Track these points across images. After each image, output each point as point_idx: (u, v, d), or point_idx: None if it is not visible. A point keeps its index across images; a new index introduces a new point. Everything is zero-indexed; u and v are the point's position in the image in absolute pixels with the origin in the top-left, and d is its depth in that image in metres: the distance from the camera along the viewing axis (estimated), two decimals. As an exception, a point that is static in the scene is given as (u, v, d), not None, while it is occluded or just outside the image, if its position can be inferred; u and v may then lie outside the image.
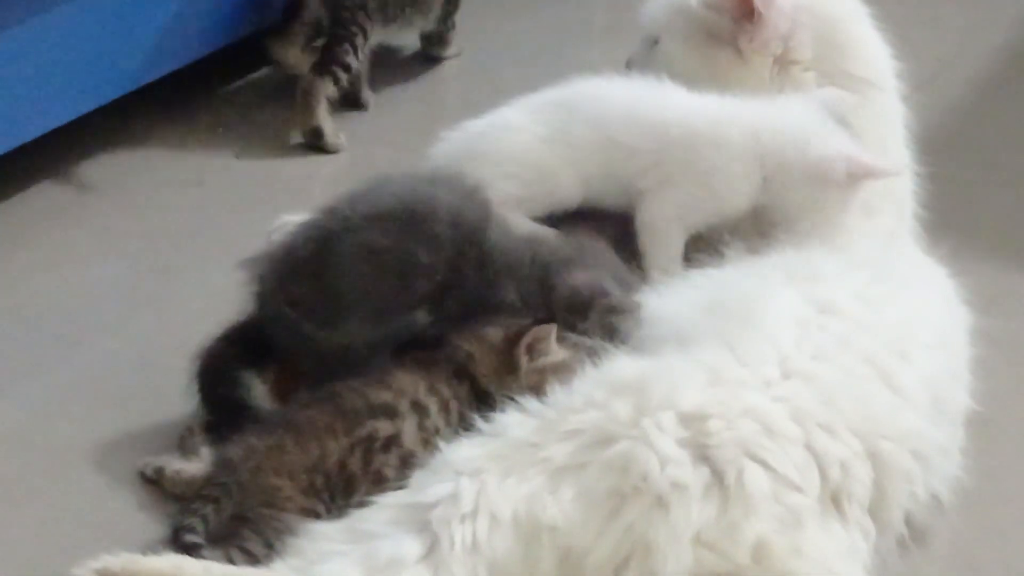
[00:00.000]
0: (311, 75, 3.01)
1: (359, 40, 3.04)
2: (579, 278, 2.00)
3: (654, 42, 2.33)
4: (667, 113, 2.14)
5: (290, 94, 2.92)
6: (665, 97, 2.16)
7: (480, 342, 1.94)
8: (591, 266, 2.03)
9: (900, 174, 2.10)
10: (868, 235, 2.13)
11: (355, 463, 1.87)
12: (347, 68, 3.03)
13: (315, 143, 2.95)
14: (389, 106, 3.16)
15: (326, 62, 3.02)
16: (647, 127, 2.12)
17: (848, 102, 2.13)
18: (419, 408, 1.91)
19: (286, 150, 2.82)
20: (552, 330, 1.92)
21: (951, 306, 2.11)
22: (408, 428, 1.89)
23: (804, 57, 2.23)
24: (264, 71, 3.16)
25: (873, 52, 2.25)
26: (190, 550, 1.78)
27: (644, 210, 2.17)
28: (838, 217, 2.11)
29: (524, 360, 1.91)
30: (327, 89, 2.99)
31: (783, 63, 2.23)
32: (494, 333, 1.94)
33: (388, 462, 1.88)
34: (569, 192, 2.18)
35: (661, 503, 1.76)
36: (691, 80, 2.22)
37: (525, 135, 2.14)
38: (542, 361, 1.92)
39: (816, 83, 2.21)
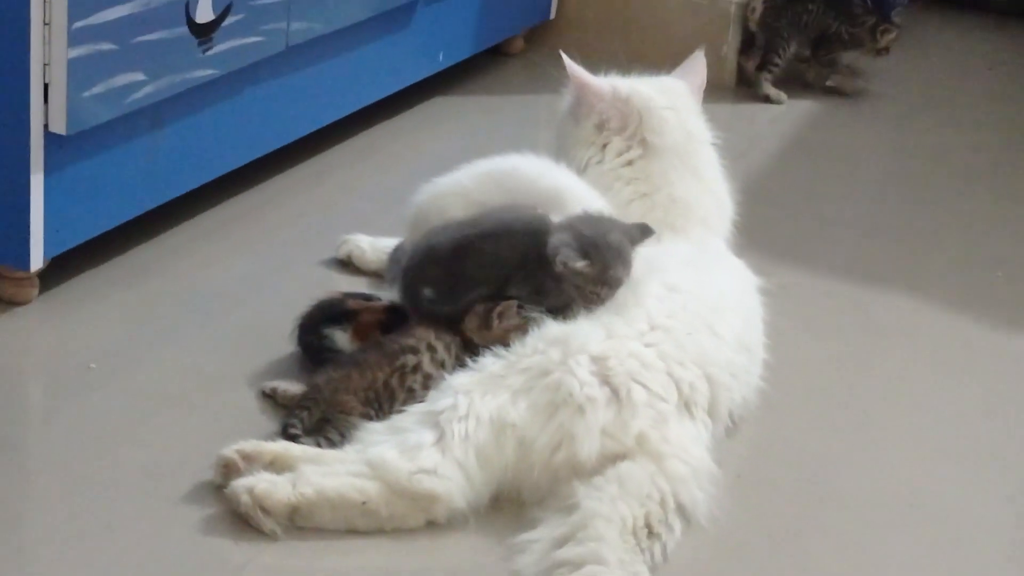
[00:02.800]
0: (757, 72, 3.29)
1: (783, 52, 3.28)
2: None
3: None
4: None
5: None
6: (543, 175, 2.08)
7: (471, 312, 1.91)
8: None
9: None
10: (682, 242, 2.09)
11: (395, 383, 1.84)
12: (776, 66, 3.27)
13: (767, 101, 3.26)
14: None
15: (763, 64, 3.27)
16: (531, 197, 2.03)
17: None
18: (431, 347, 1.87)
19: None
20: (513, 304, 1.89)
21: (748, 285, 2.09)
22: (425, 360, 1.86)
23: (616, 126, 2.16)
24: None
25: (664, 128, 2.16)
26: (293, 439, 1.77)
27: None
28: None
29: (496, 322, 1.88)
30: (766, 78, 3.28)
31: (602, 129, 2.16)
32: (480, 307, 1.90)
33: (415, 381, 1.84)
34: None
35: (580, 410, 1.75)
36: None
37: (464, 197, 2.05)
38: (506, 323, 1.88)
39: (624, 143, 2.15)
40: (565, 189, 2.03)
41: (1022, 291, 2.49)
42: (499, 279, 1.92)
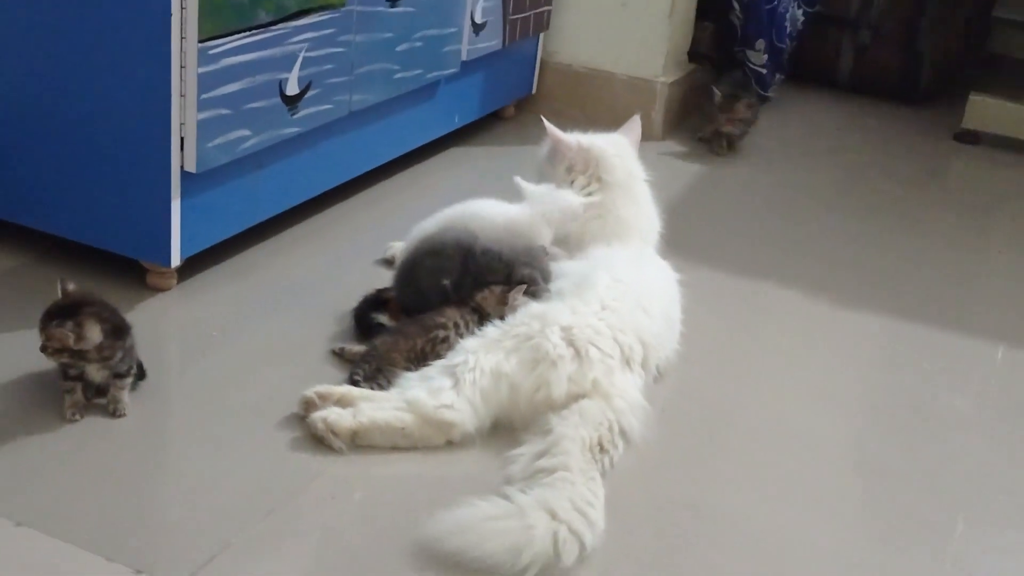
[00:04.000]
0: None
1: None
2: (523, 270, 1.93)
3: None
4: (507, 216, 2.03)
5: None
6: (504, 209, 2.04)
7: (490, 292, 1.90)
8: (530, 264, 1.94)
9: (579, 219, 2.03)
10: (625, 248, 2.08)
11: (428, 348, 1.84)
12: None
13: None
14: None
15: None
16: (494, 225, 1.99)
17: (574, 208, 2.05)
18: (456, 324, 1.87)
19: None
20: (522, 289, 1.90)
21: (671, 279, 2.09)
22: (452, 333, 1.86)
23: (581, 169, 2.16)
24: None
25: (616, 168, 2.17)
26: (356, 384, 1.77)
27: None
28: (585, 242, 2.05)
29: (511, 300, 1.87)
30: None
31: (571, 171, 2.16)
32: (496, 289, 1.90)
33: (444, 349, 1.84)
34: None
35: (553, 364, 1.76)
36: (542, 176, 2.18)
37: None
38: (517, 301, 1.88)
39: (586, 180, 2.15)
40: (511, 222, 2.00)
41: (863, 283, 2.49)
42: (446, 286, 1.91)
